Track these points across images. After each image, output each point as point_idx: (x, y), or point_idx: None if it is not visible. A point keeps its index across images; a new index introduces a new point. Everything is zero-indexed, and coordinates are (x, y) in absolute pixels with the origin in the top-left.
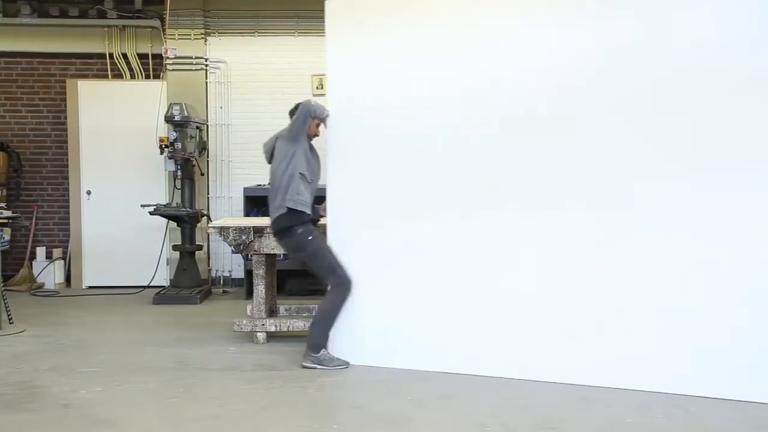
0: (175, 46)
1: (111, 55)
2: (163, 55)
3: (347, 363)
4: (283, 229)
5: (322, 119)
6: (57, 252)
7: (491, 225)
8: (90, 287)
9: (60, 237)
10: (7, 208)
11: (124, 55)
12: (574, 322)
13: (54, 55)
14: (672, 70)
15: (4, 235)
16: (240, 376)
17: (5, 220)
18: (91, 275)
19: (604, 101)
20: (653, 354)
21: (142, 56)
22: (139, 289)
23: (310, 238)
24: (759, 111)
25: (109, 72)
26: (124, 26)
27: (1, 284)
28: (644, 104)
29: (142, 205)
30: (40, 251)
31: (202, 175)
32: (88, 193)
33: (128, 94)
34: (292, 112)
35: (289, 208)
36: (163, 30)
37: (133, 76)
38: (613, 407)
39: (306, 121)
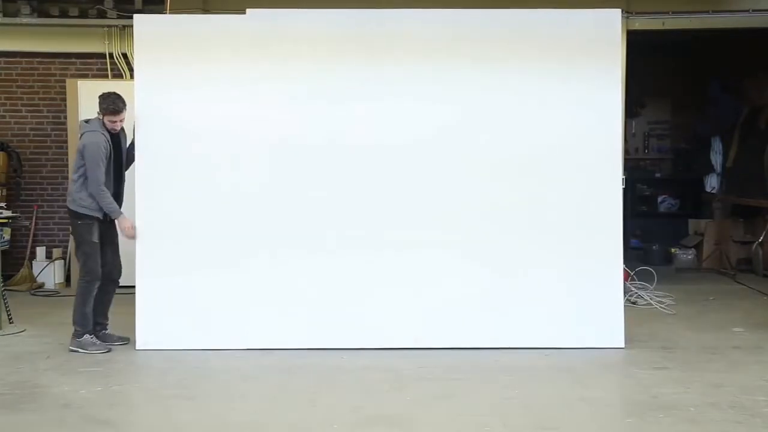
0: None
1: (111, 55)
2: None
3: (109, 348)
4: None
5: None
6: (57, 252)
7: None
8: None
9: (60, 237)
10: (7, 208)
11: (124, 55)
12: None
13: (54, 55)
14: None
15: (4, 235)
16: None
17: (5, 220)
18: None
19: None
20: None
21: None
22: None
23: (79, 222)
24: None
25: (109, 72)
26: (124, 26)
27: (1, 284)
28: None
29: None
30: (40, 251)
31: None
32: None
33: (128, 94)
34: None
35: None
36: None
37: (133, 76)
38: (614, 407)
39: None
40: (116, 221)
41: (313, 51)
